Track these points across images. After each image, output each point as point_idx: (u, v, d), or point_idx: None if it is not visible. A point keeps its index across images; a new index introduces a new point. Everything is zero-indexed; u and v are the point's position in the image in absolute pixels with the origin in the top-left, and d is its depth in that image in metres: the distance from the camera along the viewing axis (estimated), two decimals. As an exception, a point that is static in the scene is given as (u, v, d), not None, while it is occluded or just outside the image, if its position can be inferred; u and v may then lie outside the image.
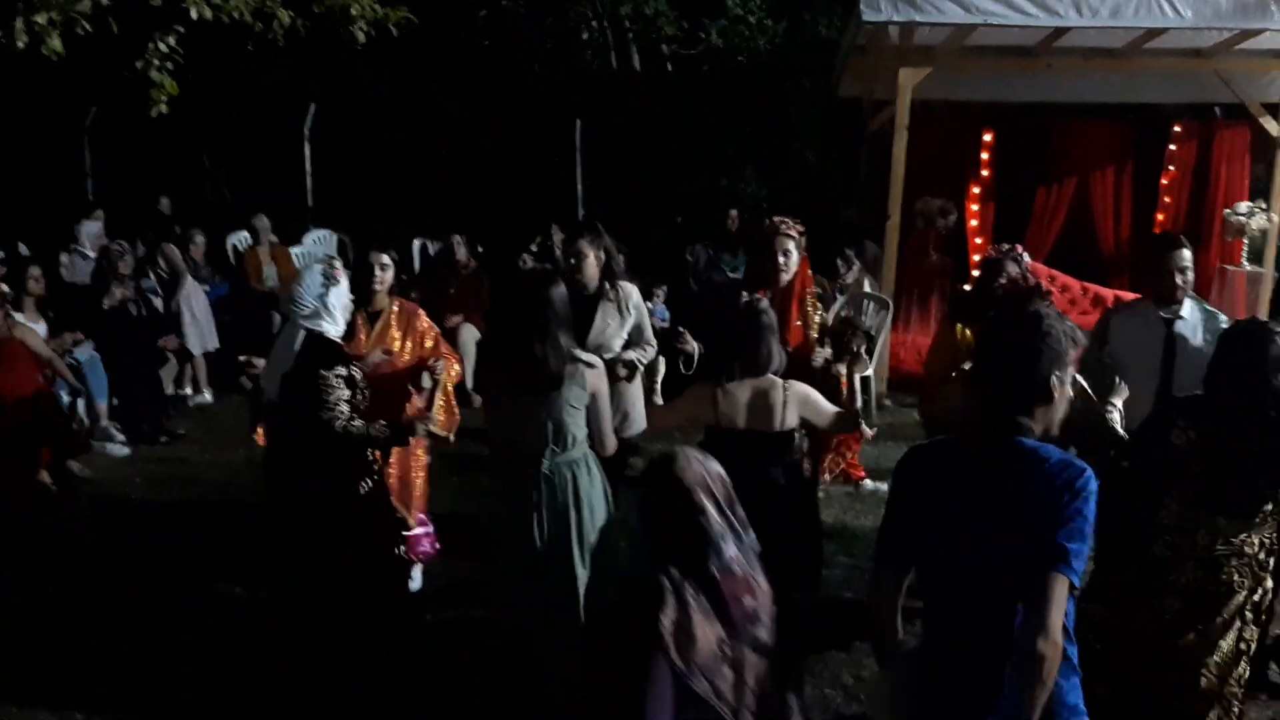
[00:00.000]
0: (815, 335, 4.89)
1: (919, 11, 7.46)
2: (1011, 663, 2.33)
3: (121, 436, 7.62)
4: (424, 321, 5.09)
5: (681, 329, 4.95)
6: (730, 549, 2.49)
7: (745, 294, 4.67)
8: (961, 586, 2.49)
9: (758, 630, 2.46)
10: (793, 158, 12.60)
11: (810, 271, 5.11)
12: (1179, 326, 4.43)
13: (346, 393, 3.92)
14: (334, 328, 4.05)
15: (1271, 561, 3.49)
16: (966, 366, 4.50)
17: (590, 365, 3.78)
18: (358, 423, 3.94)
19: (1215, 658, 3.46)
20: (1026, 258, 4.86)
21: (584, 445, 3.84)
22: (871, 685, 3.20)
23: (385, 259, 4.99)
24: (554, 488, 3.76)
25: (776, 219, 5.01)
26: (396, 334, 4.96)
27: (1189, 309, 4.48)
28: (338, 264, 4.22)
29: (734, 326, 4.28)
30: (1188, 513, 3.37)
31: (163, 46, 5.02)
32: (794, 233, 4.91)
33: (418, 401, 4.78)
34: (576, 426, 3.78)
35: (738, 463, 3.93)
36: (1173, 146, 10.71)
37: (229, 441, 6.87)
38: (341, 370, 3.90)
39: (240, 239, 10.74)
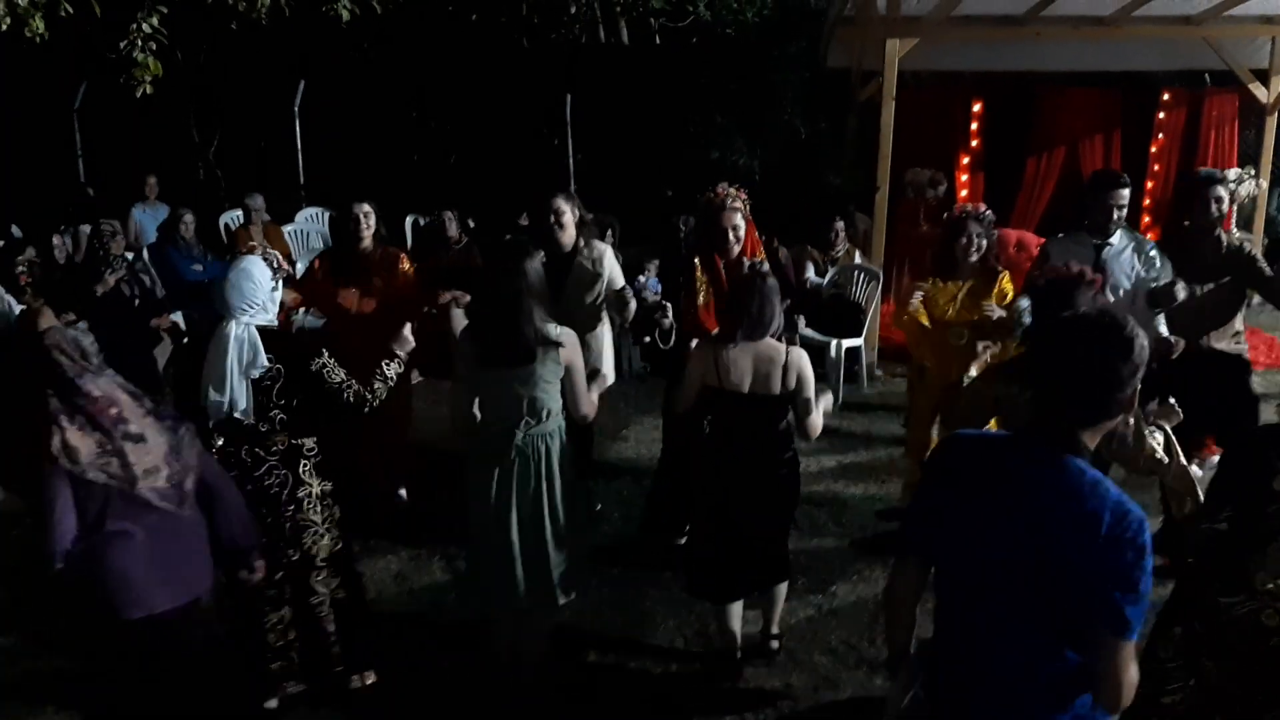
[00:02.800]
0: None
1: (906, -19, 7.47)
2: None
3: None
4: (405, 264, 5.77)
5: (665, 302, 5.05)
6: (87, 383, 3.31)
7: (697, 261, 5.04)
8: (975, 601, 2.36)
9: (129, 427, 3.31)
10: (782, 129, 12.57)
11: (759, 236, 5.28)
12: (1106, 252, 5.11)
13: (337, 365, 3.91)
14: (270, 318, 3.86)
15: None
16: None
17: (560, 344, 3.84)
18: (376, 386, 3.98)
19: None
20: (989, 214, 5.00)
21: (558, 418, 3.93)
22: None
23: (367, 208, 5.72)
24: (526, 460, 3.86)
25: (720, 189, 5.07)
26: (378, 281, 5.58)
27: (1118, 237, 5.15)
28: (268, 250, 4.19)
29: (735, 290, 4.37)
30: None
31: (146, 27, 5.04)
32: (740, 204, 5.03)
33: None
34: (551, 400, 3.87)
35: (735, 423, 4.14)
36: (1162, 114, 10.74)
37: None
38: (320, 356, 3.85)
39: (233, 217, 10.74)
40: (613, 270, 5.34)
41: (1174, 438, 3.68)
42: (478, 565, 4.05)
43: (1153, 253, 5.18)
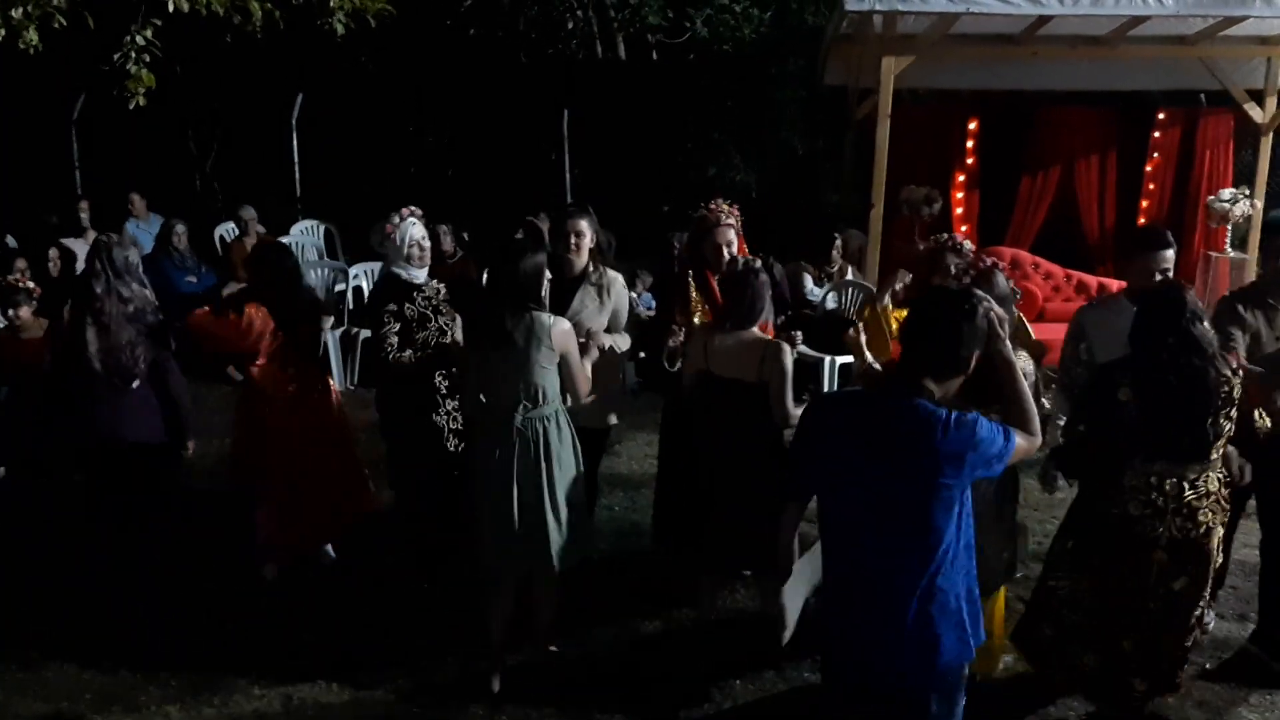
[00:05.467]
0: None
1: (902, 0, 7.48)
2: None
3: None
4: None
5: (677, 325, 4.97)
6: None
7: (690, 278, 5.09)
8: (849, 530, 2.83)
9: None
10: (780, 146, 12.59)
11: (752, 254, 5.23)
12: None
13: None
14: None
15: (1226, 492, 3.80)
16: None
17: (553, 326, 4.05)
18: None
19: (1196, 607, 3.80)
20: (968, 245, 4.93)
21: (555, 402, 4.15)
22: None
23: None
24: (526, 441, 4.07)
25: (713, 207, 5.08)
26: None
27: None
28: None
29: (726, 282, 4.64)
30: (1151, 467, 3.68)
31: (140, 39, 5.05)
32: (734, 221, 5.06)
33: None
34: (547, 384, 4.09)
35: (717, 404, 4.37)
36: (1157, 133, 10.72)
37: (216, 431, 6.85)
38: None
39: (228, 230, 10.72)
40: (619, 304, 5.02)
41: None
42: (480, 534, 4.23)
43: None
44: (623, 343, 5.04)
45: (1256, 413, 3.85)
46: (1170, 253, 4.45)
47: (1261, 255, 4.43)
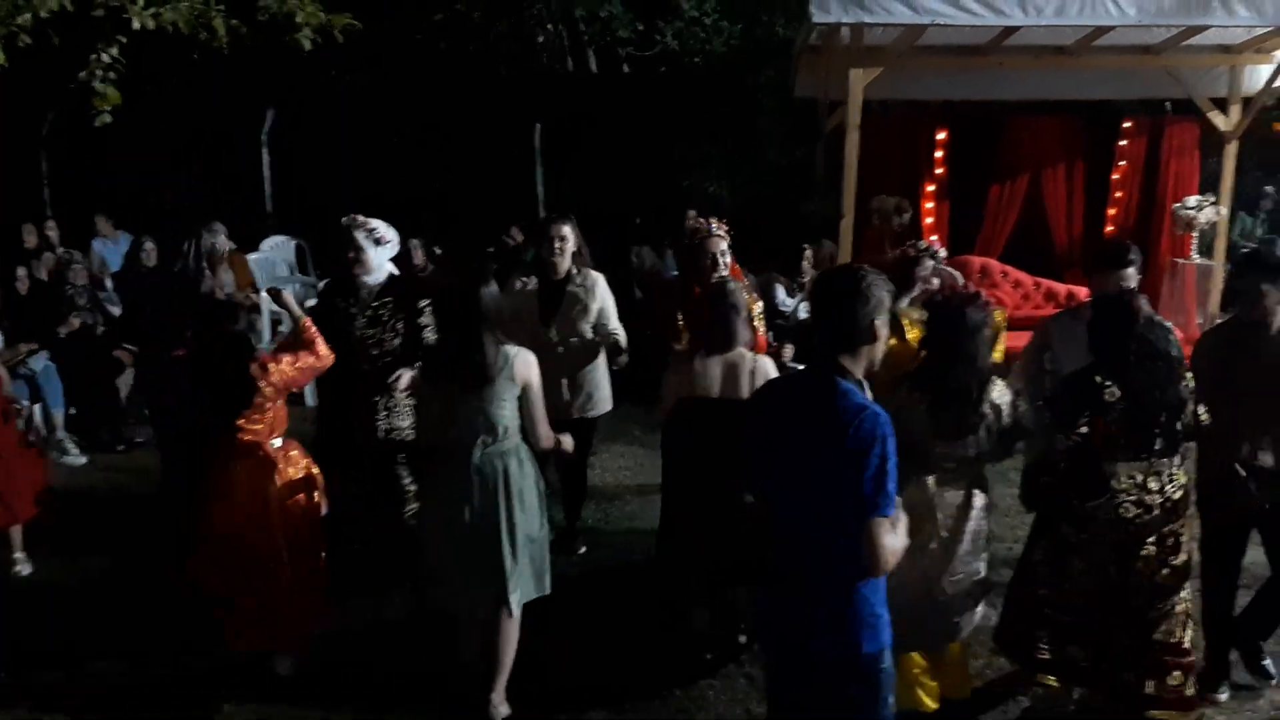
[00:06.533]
0: (759, 320, 5.25)
1: (868, 12, 7.52)
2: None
3: (75, 449, 7.61)
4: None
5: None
6: None
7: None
8: (788, 514, 2.89)
9: None
10: (753, 157, 12.65)
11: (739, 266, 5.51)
12: None
13: None
14: None
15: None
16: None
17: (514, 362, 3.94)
18: None
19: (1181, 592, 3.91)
20: (942, 252, 5.04)
21: (516, 436, 4.02)
22: None
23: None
24: (485, 478, 3.93)
25: (704, 221, 5.26)
26: None
27: None
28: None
29: (705, 307, 4.69)
30: (1135, 466, 3.82)
31: (105, 57, 5.03)
32: (724, 233, 5.25)
33: None
34: (508, 419, 3.96)
35: (710, 428, 4.33)
36: (1123, 142, 10.85)
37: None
38: None
39: (197, 246, 10.65)
40: (605, 300, 5.43)
41: None
42: (429, 565, 4.13)
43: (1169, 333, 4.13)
44: (619, 333, 5.40)
45: (1199, 409, 3.94)
46: (1132, 270, 4.47)
47: (1237, 294, 4.37)
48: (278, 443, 4.37)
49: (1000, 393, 3.96)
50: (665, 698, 4.37)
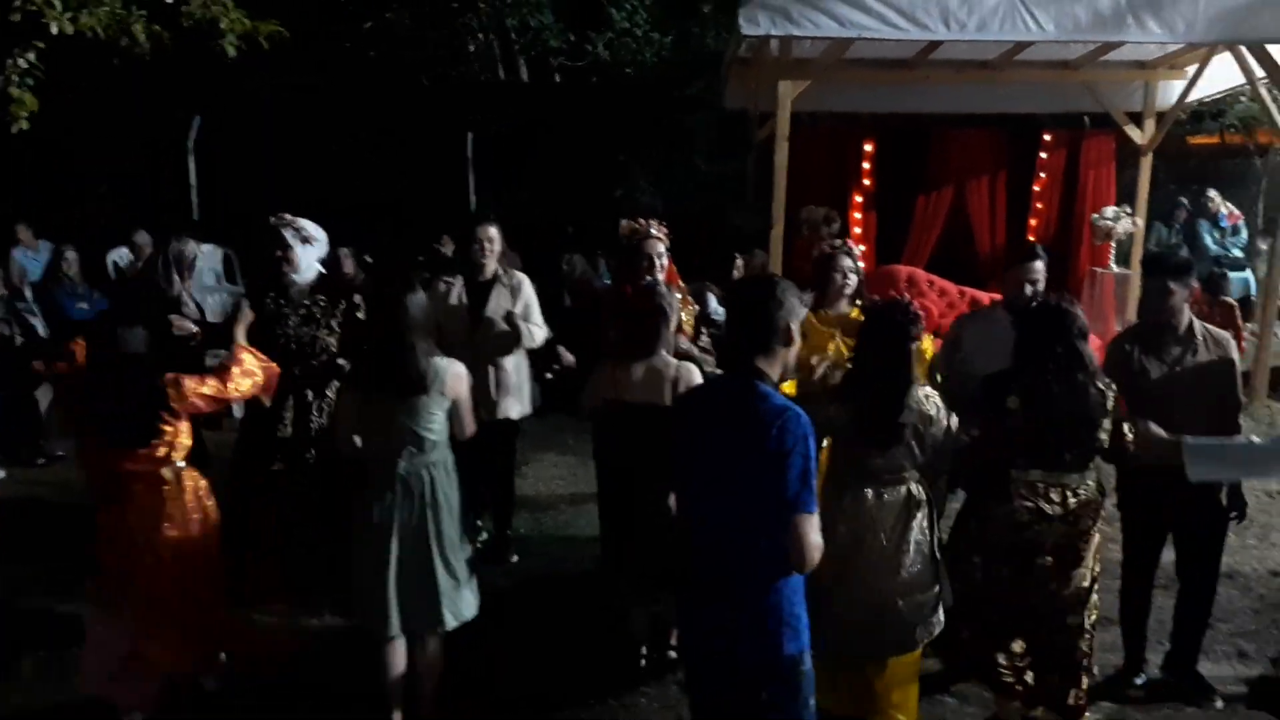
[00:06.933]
0: (689, 325, 5.23)
1: (796, 25, 7.60)
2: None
3: (-6, 463, 7.43)
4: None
5: (559, 347, 5.21)
6: None
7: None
8: (701, 514, 2.95)
9: None
10: (685, 167, 12.72)
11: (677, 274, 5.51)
12: None
13: None
14: None
15: (1104, 500, 3.96)
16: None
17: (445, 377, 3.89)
18: None
19: (1085, 607, 3.91)
20: (859, 249, 5.06)
21: (444, 448, 3.96)
22: None
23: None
24: (409, 490, 3.87)
25: (642, 222, 5.24)
26: None
27: None
28: None
29: (631, 311, 4.62)
30: (1034, 475, 3.83)
31: (22, 62, 4.92)
32: (663, 235, 5.24)
33: None
34: (436, 432, 3.91)
35: (630, 433, 4.31)
36: (1044, 154, 11.13)
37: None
38: None
39: (120, 255, 10.46)
40: (530, 300, 5.59)
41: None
42: (357, 584, 3.99)
43: None
44: (539, 333, 5.56)
45: (1125, 426, 3.95)
46: (1039, 264, 4.76)
47: (1146, 295, 4.44)
48: (181, 464, 4.08)
49: (922, 399, 3.79)
50: (599, 706, 4.37)
